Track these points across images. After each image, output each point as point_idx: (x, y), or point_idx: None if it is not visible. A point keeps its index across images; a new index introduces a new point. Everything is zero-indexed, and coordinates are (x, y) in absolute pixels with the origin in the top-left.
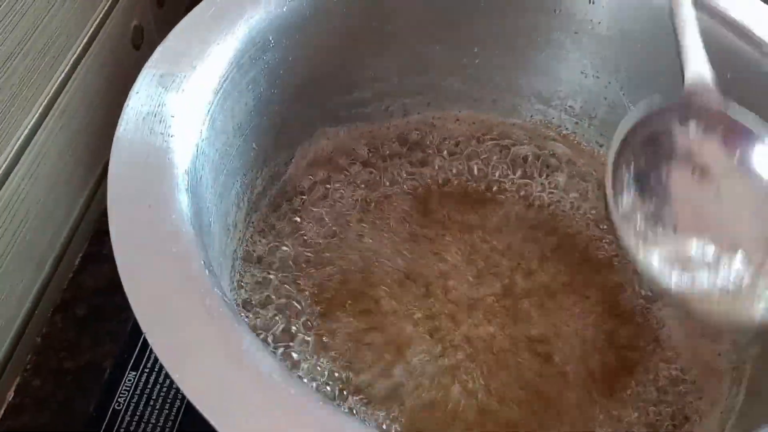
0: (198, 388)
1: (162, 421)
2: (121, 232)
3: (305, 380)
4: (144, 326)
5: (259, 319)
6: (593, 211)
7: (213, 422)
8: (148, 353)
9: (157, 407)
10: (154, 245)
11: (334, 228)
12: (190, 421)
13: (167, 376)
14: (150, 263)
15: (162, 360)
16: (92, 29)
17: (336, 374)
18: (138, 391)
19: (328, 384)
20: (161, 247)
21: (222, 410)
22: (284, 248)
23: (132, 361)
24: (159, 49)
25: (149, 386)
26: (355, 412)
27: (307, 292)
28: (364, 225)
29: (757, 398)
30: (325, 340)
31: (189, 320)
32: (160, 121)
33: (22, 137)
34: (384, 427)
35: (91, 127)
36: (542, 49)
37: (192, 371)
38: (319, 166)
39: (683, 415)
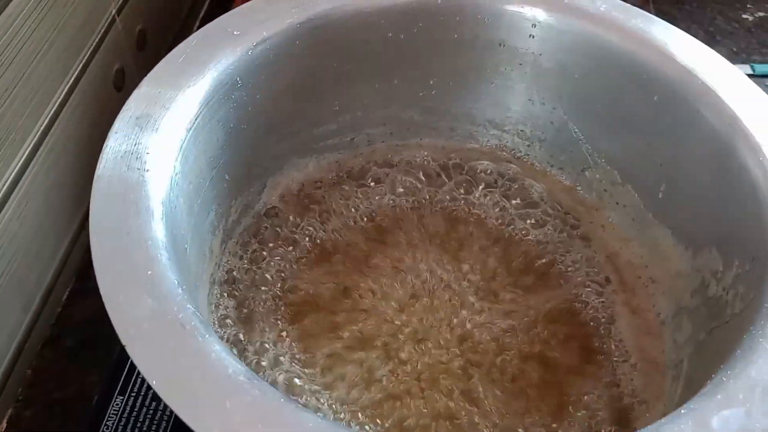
0: (173, 393)
1: None
2: (102, 259)
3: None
4: (124, 340)
5: (234, 336)
6: (547, 225)
7: (187, 422)
8: (134, 378)
9: (144, 429)
10: (132, 269)
11: (306, 253)
12: None
13: (153, 398)
14: (129, 286)
15: (141, 369)
16: (76, 73)
17: (306, 384)
18: (126, 414)
19: (298, 391)
20: (139, 271)
21: (195, 411)
22: (258, 272)
23: (119, 386)
24: (135, 92)
25: (136, 409)
26: (320, 412)
27: (280, 313)
28: (336, 249)
29: (691, 391)
30: (297, 355)
31: (165, 333)
32: (137, 158)
33: (10, 179)
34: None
35: (77, 166)
36: (492, 80)
37: (168, 378)
38: (290, 195)
39: (631, 406)
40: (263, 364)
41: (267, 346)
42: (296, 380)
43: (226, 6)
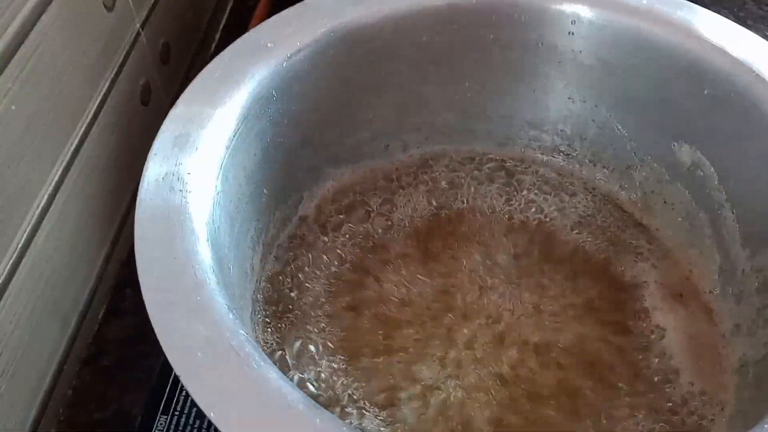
0: (233, 426)
1: None
2: (150, 285)
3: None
4: (178, 371)
5: (280, 355)
6: (590, 225)
7: None
8: (176, 397)
9: None
10: (181, 295)
11: (345, 264)
12: None
13: (197, 416)
14: (179, 313)
15: (197, 401)
16: (103, 91)
17: (359, 403)
18: None
19: (352, 410)
20: (188, 297)
21: None
22: (300, 287)
23: (162, 405)
24: (172, 112)
25: (180, 428)
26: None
27: (324, 327)
28: (375, 260)
29: (762, 395)
30: (346, 369)
31: (219, 362)
32: (178, 180)
33: (44, 199)
34: None
35: (108, 183)
36: (529, 80)
37: (226, 410)
38: (326, 206)
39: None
40: (310, 382)
41: (313, 363)
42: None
43: (245, 15)
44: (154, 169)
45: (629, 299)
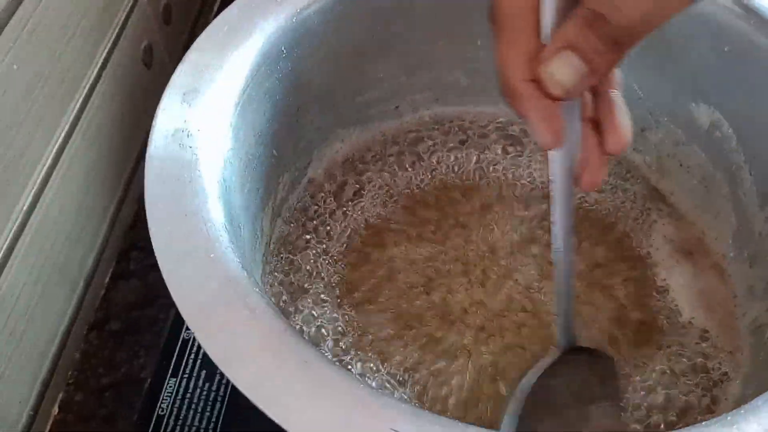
0: (249, 381)
1: (205, 422)
2: (162, 243)
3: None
4: (194, 328)
5: (292, 318)
6: (602, 189)
7: (266, 411)
8: (185, 360)
9: (199, 410)
10: (194, 253)
11: (354, 227)
12: (231, 420)
13: (206, 379)
14: (192, 270)
15: (213, 359)
16: (105, 52)
17: (370, 362)
18: (180, 396)
19: (363, 366)
20: (201, 254)
21: (272, 399)
22: (309, 250)
23: (171, 368)
24: (180, 67)
25: (190, 391)
26: (389, 389)
27: (334, 289)
28: (384, 222)
29: None
30: (356, 331)
31: (234, 320)
32: (188, 136)
33: (48, 163)
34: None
35: (112, 146)
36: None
37: (242, 366)
38: (335, 168)
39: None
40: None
41: (324, 326)
42: (355, 355)
43: None
44: (163, 125)
45: (639, 260)
